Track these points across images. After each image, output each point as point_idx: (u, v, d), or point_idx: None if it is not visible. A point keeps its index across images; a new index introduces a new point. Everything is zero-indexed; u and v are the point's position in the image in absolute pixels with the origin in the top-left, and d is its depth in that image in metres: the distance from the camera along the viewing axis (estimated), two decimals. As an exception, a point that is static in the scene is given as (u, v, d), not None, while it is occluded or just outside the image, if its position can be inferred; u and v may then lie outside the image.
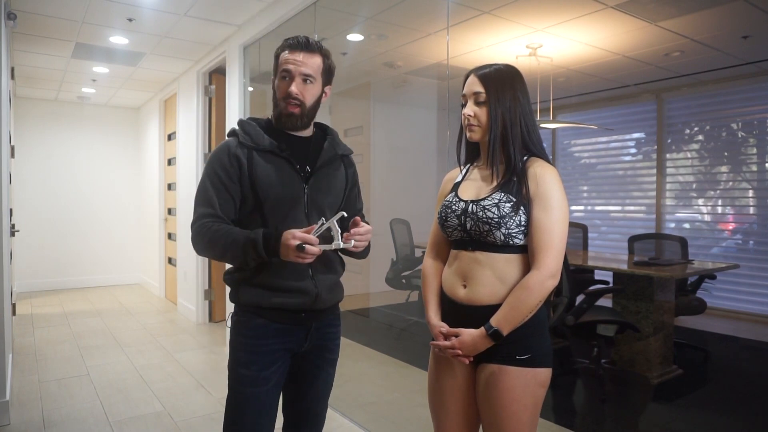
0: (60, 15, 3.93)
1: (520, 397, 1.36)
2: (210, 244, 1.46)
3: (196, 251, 1.54)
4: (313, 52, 1.52)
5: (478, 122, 1.44)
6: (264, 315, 1.51)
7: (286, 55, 1.51)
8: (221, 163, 1.50)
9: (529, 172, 1.39)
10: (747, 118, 5.24)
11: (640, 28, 3.86)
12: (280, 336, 1.52)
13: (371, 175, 6.17)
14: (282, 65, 1.51)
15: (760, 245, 5.17)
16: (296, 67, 1.49)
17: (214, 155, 1.54)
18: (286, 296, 1.50)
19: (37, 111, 7.01)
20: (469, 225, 1.42)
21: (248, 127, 1.55)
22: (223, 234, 1.44)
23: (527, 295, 1.33)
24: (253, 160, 1.50)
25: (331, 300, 1.60)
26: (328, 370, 1.65)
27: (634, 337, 3.56)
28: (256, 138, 1.52)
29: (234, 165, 1.49)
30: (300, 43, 1.51)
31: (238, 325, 1.54)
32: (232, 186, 1.50)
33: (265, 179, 1.49)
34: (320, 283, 1.55)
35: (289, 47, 1.52)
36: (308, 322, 1.56)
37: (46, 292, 6.93)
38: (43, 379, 3.63)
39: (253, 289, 1.51)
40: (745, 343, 4.62)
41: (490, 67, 1.44)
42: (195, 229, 1.50)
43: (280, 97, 1.52)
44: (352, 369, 3.87)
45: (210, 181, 1.51)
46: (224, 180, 1.49)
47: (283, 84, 1.51)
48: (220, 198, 1.49)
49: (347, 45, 4.45)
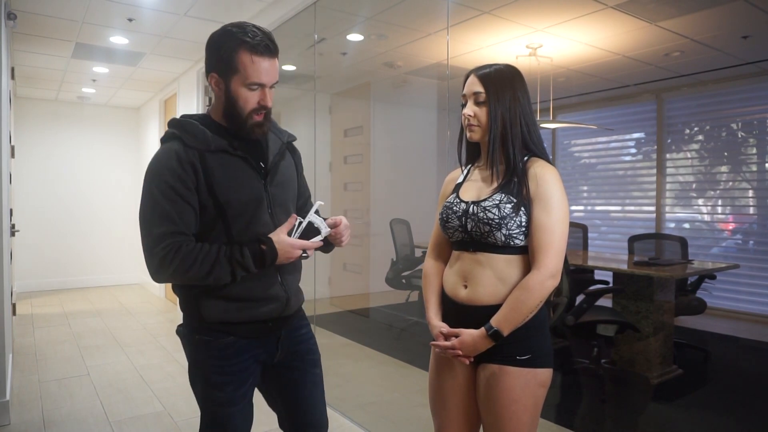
0: (60, 15, 3.93)
1: (520, 398, 1.36)
2: (181, 269, 1.29)
3: (158, 280, 1.35)
4: (276, 54, 1.38)
5: (478, 122, 1.44)
6: (232, 332, 1.40)
7: (258, 63, 1.33)
8: (172, 172, 1.32)
9: (530, 172, 1.40)
10: (747, 118, 5.24)
11: (640, 28, 3.86)
12: (251, 350, 1.44)
13: (371, 175, 6.17)
14: (251, 75, 1.33)
15: (760, 245, 5.17)
16: (269, 78, 1.35)
17: (158, 165, 1.35)
18: (255, 306, 1.41)
19: (37, 111, 7.01)
20: (470, 226, 1.42)
21: (190, 126, 1.37)
22: (198, 255, 1.30)
23: (527, 296, 1.33)
24: (207, 163, 1.34)
25: (297, 304, 1.54)
26: (313, 371, 1.57)
27: (634, 337, 3.56)
28: (203, 138, 1.35)
29: (188, 171, 1.32)
30: (269, 48, 1.35)
31: (205, 345, 1.41)
32: (190, 195, 1.33)
33: (224, 182, 1.35)
34: (289, 287, 1.48)
35: (257, 51, 1.33)
36: (277, 330, 1.49)
37: (46, 292, 6.94)
38: (43, 379, 3.63)
39: (217, 303, 1.38)
40: (745, 343, 4.62)
41: (490, 67, 1.44)
42: (158, 253, 1.29)
43: (248, 108, 1.36)
44: (352, 369, 3.87)
45: (162, 194, 1.31)
46: (179, 190, 1.31)
47: (252, 95, 1.36)
48: (178, 211, 1.32)
49: (347, 45, 4.45)
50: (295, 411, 1.55)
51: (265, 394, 1.60)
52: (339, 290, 6.29)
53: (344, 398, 3.23)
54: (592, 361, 3.56)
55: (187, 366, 1.48)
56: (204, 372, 1.43)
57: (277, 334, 1.49)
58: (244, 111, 1.37)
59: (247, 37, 1.32)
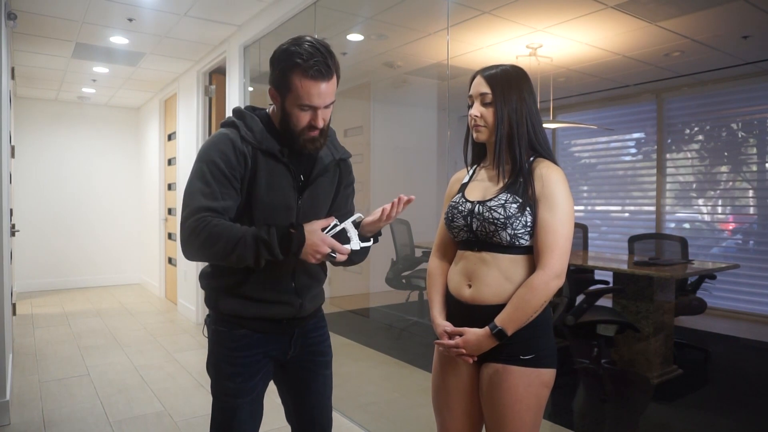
0: (60, 15, 3.93)
1: (523, 397, 1.36)
2: (208, 242, 1.30)
3: (186, 253, 1.37)
4: (333, 75, 1.35)
5: (484, 123, 1.44)
6: (245, 325, 1.46)
7: (308, 87, 1.32)
8: (224, 155, 1.35)
9: (536, 172, 1.40)
10: (747, 118, 5.24)
11: (640, 28, 3.86)
12: (262, 345, 1.49)
13: (371, 175, 6.17)
14: (303, 97, 1.33)
15: (760, 245, 5.17)
16: (321, 101, 1.35)
17: (214, 145, 1.38)
18: (268, 307, 1.45)
19: (37, 111, 7.01)
20: (475, 225, 1.42)
21: (251, 121, 1.42)
22: (225, 231, 1.30)
23: (532, 295, 1.33)
24: (256, 159, 1.39)
25: (313, 307, 1.57)
26: (324, 372, 1.61)
27: (634, 337, 3.56)
28: (260, 137, 1.39)
29: (240, 160, 1.36)
30: (322, 72, 1.32)
31: (219, 335, 1.49)
32: (235, 183, 1.36)
33: (263, 183, 1.39)
34: (303, 294, 1.51)
35: (308, 75, 1.31)
36: (291, 329, 1.52)
37: (46, 292, 6.93)
38: (43, 379, 3.63)
39: (234, 300, 1.44)
40: (745, 343, 4.62)
41: (496, 68, 1.45)
42: (190, 225, 1.31)
43: (299, 126, 1.38)
44: (352, 369, 3.87)
45: (210, 172, 1.34)
46: (227, 174, 1.35)
47: (304, 115, 1.36)
48: (222, 191, 1.34)
49: (347, 45, 4.45)
50: (301, 408, 1.60)
51: (278, 387, 1.65)
52: (339, 290, 6.29)
53: (344, 398, 3.23)
54: (592, 361, 3.56)
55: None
56: (217, 360, 1.49)
57: (291, 332, 1.53)
58: (297, 129, 1.39)
59: (300, 59, 1.31)
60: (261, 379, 1.51)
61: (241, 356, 1.46)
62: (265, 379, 1.54)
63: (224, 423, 1.49)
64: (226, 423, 1.48)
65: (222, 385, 1.48)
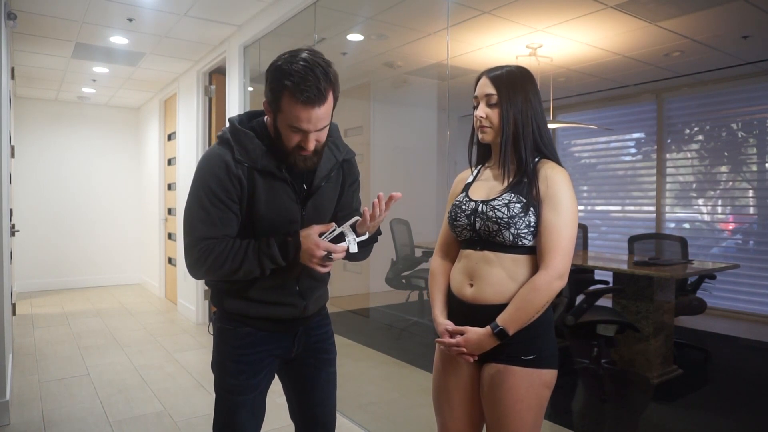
0: (60, 15, 3.92)
1: (524, 397, 1.36)
2: (214, 266, 1.36)
3: (194, 277, 1.43)
4: (326, 98, 1.29)
5: (490, 124, 1.45)
6: (250, 324, 1.49)
7: (298, 112, 1.27)
8: (219, 181, 1.35)
9: (540, 173, 1.40)
10: (747, 118, 5.24)
11: (640, 28, 3.86)
12: (266, 343, 1.51)
13: (371, 175, 6.17)
14: (291, 120, 1.29)
15: (760, 245, 5.17)
16: (312, 126, 1.30)
17: (208, 169, 1.38)
18: (272, 308, 1.48)
19: (37, 111, 7.01)
20: (478, 225, 1.43)
21: (245, 139, 1.38)
22: (228, 252, 1.35)
23: (534, 295, 1.33)
24: (252, 178, 1.37)
25: (317, 307, 1.59)
26: (328, 369, 1.63)
27: (634, 337, 3.56)
28: (255, 156, 1.37)
29: (235, 185, 1.36)
30: (311, 99, 1.25)
31: (224, 333, 1.51)
32: (232, 204, 1.38)
33: (262, 201, 1.39)
34: (308, 296, 1.53)
35: (298, 100, 1.26)
36: (295, 327, 1.54)
37: (46, 292, 6.93)
38: (43, 379, 3.63)
39: (239, 301, 1.48)
40: (745, 343, 4.62)
41: (501, 69, 1.45)
42: (194, 254, 1.36)
43: (290, 146, 1.35)
44: (352, 369, 3.87)
45: (208, 198, 1.36)
46: (224, 199, 1.36)
47: (294, 136, 1.33)
48: (219, 216, 1.37)
49: (347, 45, 4.45)
50: (305, 406, 1.61)
51: (282, 384, 1.66)
52: (339, 290, 6.29)
53: (344, 398, 3.23)
54: (592, 361, 3.56)
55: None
56: (221, 357, 1.52)
57: (295, 330, 1.55)
58: (288, 147, 1.36)
59: (291, 81, 1.25)
60: (264, 377, 1.52)
61: (245, 354, 1.48)
62: (269, 376, 1.55)
63: (227, 420, 1.49)
64: (228, 420, 1.49)
65: (225, 382, 1.50)
